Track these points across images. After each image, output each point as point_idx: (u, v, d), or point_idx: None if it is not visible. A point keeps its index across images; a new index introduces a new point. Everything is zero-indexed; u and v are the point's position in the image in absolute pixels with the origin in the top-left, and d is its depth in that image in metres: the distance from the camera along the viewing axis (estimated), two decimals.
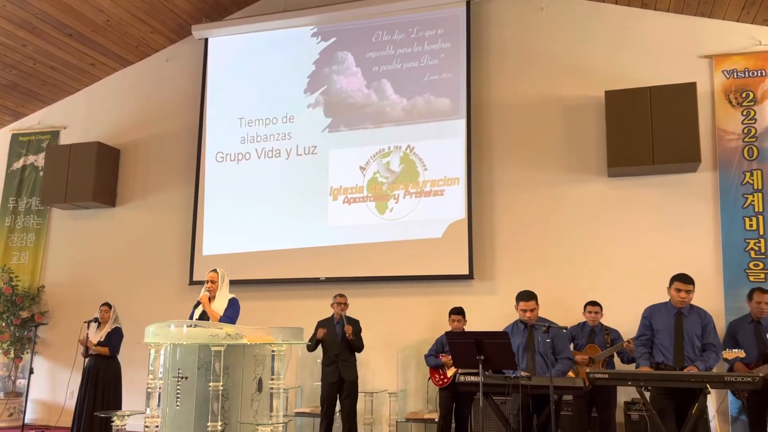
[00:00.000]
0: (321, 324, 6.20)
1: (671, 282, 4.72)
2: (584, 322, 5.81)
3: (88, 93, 8.93)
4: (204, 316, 5.24)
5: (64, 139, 8.83)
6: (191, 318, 5.33)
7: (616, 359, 5.77)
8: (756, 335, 5.23)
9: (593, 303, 5.80)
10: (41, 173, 8.69)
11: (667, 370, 4.57)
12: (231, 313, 5.22)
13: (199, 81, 8.27)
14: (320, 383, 6.24)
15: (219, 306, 5.24)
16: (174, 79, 8.54)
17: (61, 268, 8.55)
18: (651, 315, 4.80)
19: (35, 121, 9.11)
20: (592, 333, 5.73)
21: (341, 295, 6.27)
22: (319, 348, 6.22)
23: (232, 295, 5.32)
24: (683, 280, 4.66)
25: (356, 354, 6.23)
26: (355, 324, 6.18)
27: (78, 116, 8.91)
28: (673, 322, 4.66)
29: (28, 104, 8.98)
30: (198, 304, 5.23)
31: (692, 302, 4.78)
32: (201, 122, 8.12)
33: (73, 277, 8.45)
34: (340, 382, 6.07)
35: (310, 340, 6.10)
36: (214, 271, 5.37)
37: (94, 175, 8.11)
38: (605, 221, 6.56)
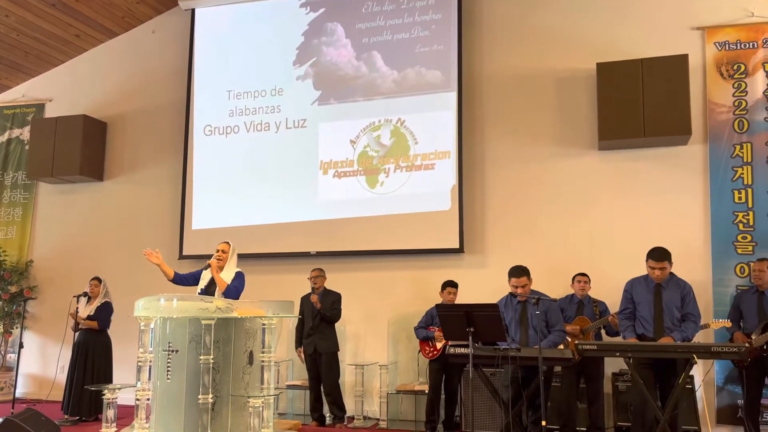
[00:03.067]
0: (303, 298, 6.31)
1: (646, 258, 4.76)
2: (572, 294, 5.85)
3: (73, 65, 8.78)
4: (211, 285, 5.25)
5: (50, 112, 8.71)
6: (198, 279, 5.33)
7: (603, 332, 5.82)
8: (758, 305, 5.30)
9: (581, 274, 5.84)
10: (27, 147, 8.57)
11: (647, 340, 4.62)
12: (237, 284, 5.27)
13: (186, 53, 8.14)
14: None
15: (226, 277, 5.28)
16: (160, 50, 8.40)
17: (50, 243, 8.49)
18: (632, 288, 4.87)
19: (19, 93, 8.96)
20: (581, 305, 5.78)
21: (314, 270, 6.33)
22: None
23: (239, 269, 5.35)
24: (656, 258, 4.68)
25: (336, 326, 6.30)
26: (329, 296, 6.24)
27: (63, 89, 8.77)
28: (653, 294, 4.72)
29: (12, 76, 8.82)
30: (207, 266, 5.24)
31: (678, 274, 4.83)
32: (188, 95, 8.01)
33: (61, 252, 8.40)
34: (316, 355, 6.16)
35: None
36: (226, 242, 5.41)
37: (80, 149, 8.01)
38: (596, 194, 6.57)
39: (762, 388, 5.28)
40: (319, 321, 6.17)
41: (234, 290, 5.12)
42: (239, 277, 5.27)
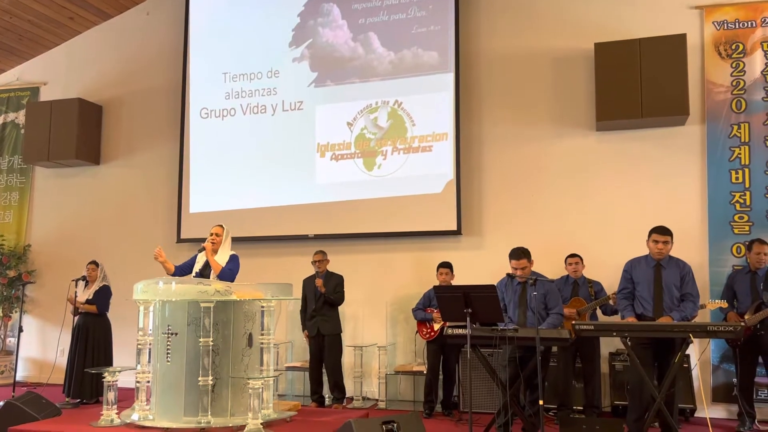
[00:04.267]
0: (306, 281, 6.34)
1: (649, 234, 4.80)
2: (567, 276, 5.88)
3: (68, 48, 8.71)
4: (206, 268, 5.25)
5: (45, 96, 8.65)
6: (193, 264, 5.33)
7: (598, 311, 5.86)
8: (751, 285, 5.34)
9: (572, 255, 5.87)
10: (22, 131, 8.52)
11: (646, 320, 4.65)
12: (232, 266, 5.24)
13: (181, 35, 8.07)
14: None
15: (220, 260, 5.25)
16: (155, 33, 8.33)
17: (47, 227, 8.49)
18: (631, 268, 4.89)
19: (14, 77, 8.90)
20: (576, 286, 5.81)
21: (317, 253, 6.36)
22: None
23: (234, 252, 5.33)
24: (660, 231, 4.75)
25: (338, 308, 6.33)
26: (332, 279, 6.27)
27: (58, 72, 8.71)
28: (653, 274, 4.74)
29: (6, 60, 8.75)
30: (202, 249, 5.24)
31: (675, 254, 4.85)
32: (184, 77, 7.96)
33: (59, 236, 8.39)
34: (320, 337, 6.19)
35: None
36: (219, 225, 5.38)
37: (76, 132, 7.98)
38: (593, 175, 6.57)
39: (755, 366, 5.34)
40: (322, 303, 6.21)
41: (229, 273, 5.11)
42: (234, 260, 5.25)
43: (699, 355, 5.60)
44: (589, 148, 6.61)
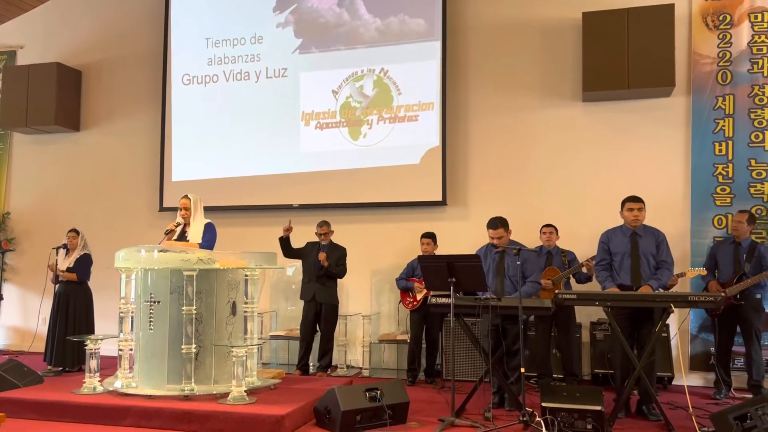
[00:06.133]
0: (309, 244, 6.33)
1: (623, 204, 4.85)
2: (542, 246, 5.92)
3: (46, 10, 8.46)
4: (182, 237, 5.16)
5: (22, 60, 8.43)
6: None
7: (573, 280, 5.92)
8: (734, 256, 5.40)
9: (547, 225, 5.91)
10: None
11: (626, 290, 4.70)
12: (209, 237, 5.14)
13: None
14: (296, 307, 6.34)
15: (196, 231, 5.13)
16: None
17: (27, 194, 8.35)
18: (608, 239, 4.93)
19: None
20: (550, 255, 5.86)
21: (321, 225, 6.32)
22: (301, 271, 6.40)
23: (208, 220, 5.23)
24: (633, 199, 4.81)
25: (337, 280, 6.32)
26: (336, 251, 6.26)
27: (35, 35, 8.48)
28: (629, 243, 4.78)
29: None
30: (169, 231, 5.14)
31: (658, 225, 4.90)
32: (165, 42, 7.78)
33: (39, 204, 8.27)
34: (316, 305, 6.19)
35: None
36: (186, 197, 5.20)
37: (55, 98, 7.81)
38: (579, 146, 6.56)
39: (734, 336, 5.43)
40: (323, 273, 6.18)
41: (206, 245, 5.04)
42: (209, 229, 5.12)
43: (678, 324, 5.69)
44: (576, 119, 6.60)
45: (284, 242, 6.18)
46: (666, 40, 6.04)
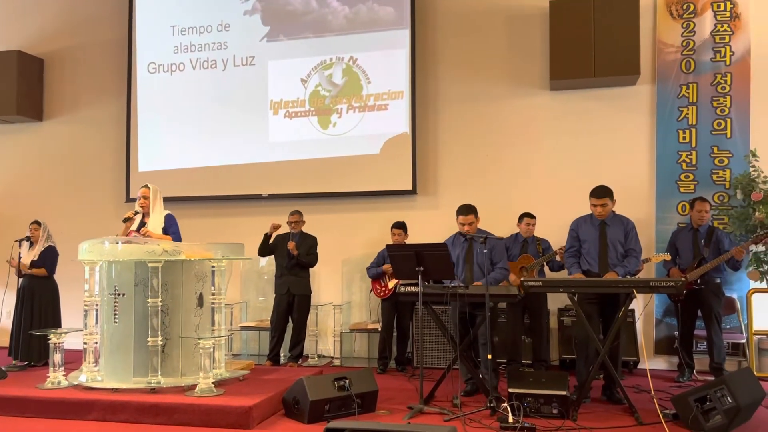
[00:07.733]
0: (279, 237, 6.26)
1: (589, 197, 4.87)
2: (517, 234, 5.97)
3: None
4: (142, 225, 5.09)
5: None
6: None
7: (546, 268, 5.99)
8: (693, 242, 5.51)
9: (529, 215, 5.94)
10: None
11: (593, 276, 4.77)
12: (176, 229, 5.10)
13: None
14: (266, 298, 6.31)
15: (156, 222, 5.08)
16: None
17: None
18: (578, 227, 5.00)
19: None
20: (525, 243, 5.91)
21: (292, 213, 6.30)
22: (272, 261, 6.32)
23: (168, 212, 5.16)
24: (596, 195, 4.82)
25: (309, 270, 6.30)
26: (306, 240, 6.23)
27: None
28: (598, 231, 4.84)
29: None
30: (127, 219, 5.06)
31: (623, 211, 4.97)
32: (130, 30, 7.63)
33: (1, 195, 8.08)
34: (290, 296, 6.17)
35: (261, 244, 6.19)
36: (146, 186, 5.15)
37: (16, 87, 7.63)
38: (546, 134, 6.61)
39: (695, 320, 5.55)
40: (295, 263, 6.15)
41: (176, 237, 4.99)
42: (170, 221, 5.08)
43: (642, 309, 5.79)
44: (544, 107, 6.64)
45: (267, 239, 6.15)
46: (631, 28, 6.10)
